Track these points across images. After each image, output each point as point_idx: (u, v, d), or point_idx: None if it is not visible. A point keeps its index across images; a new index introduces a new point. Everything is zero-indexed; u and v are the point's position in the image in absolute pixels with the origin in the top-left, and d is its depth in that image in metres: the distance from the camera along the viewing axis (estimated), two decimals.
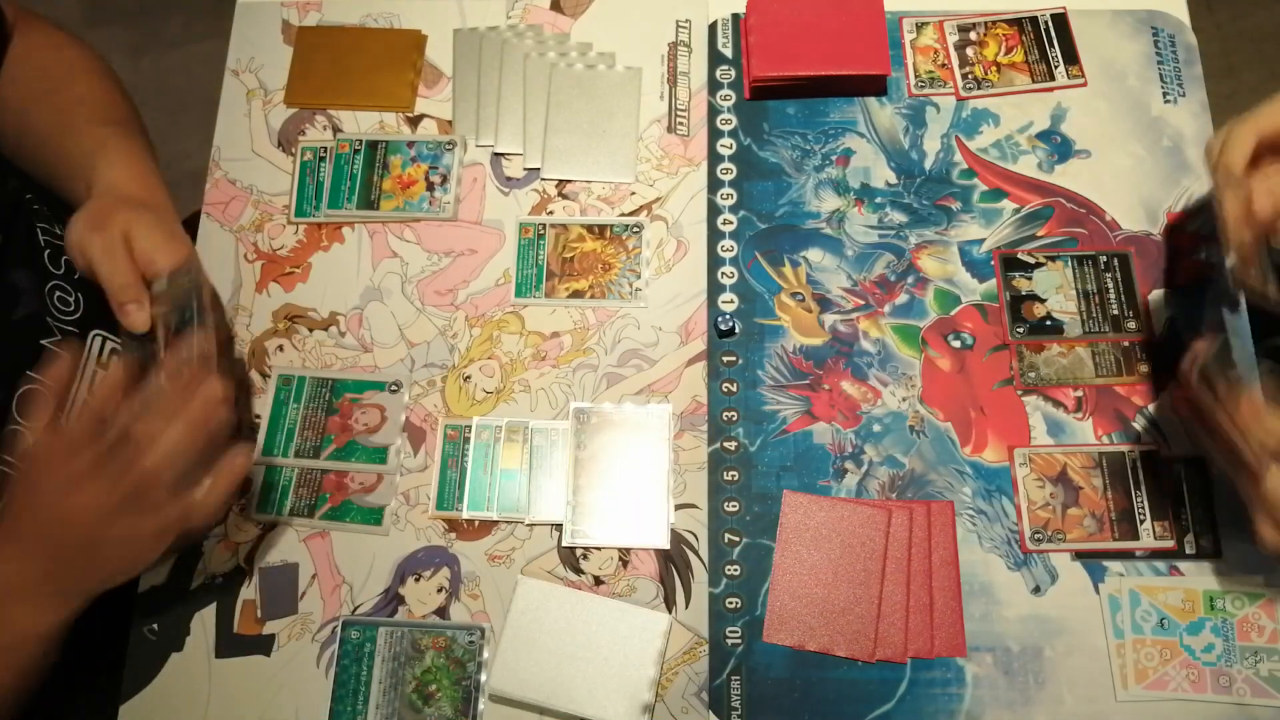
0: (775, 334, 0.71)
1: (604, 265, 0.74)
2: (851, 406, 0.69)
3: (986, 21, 0.79)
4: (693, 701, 0.63)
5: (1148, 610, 0.63)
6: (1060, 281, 0.71)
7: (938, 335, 0.71)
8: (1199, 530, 0.65)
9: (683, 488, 0.68)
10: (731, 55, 0.79)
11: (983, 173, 0.75)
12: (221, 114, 0.81)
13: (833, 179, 0.75)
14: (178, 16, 1.81)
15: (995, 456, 0.68)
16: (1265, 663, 0.62)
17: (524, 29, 0.81)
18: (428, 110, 0.79)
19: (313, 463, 0.70)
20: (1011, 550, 0.65)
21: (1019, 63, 0.77)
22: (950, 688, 0.63)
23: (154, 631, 0.67)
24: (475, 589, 0.67)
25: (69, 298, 0.67)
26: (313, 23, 0.83)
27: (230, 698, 0.65)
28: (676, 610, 0.65)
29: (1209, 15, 1.67)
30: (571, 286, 0.73)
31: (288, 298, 0.75)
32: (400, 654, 0.65)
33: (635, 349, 0.72)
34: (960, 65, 0.77)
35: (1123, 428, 0.68)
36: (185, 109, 1.63)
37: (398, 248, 0.76)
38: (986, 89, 0.77)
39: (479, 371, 0.72)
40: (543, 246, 0.74)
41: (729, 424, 0.69)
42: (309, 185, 0.78)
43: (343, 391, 0.72)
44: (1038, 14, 0.79)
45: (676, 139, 0.77)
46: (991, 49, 0.78)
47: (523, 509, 0.68)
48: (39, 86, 0.70)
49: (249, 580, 0.68)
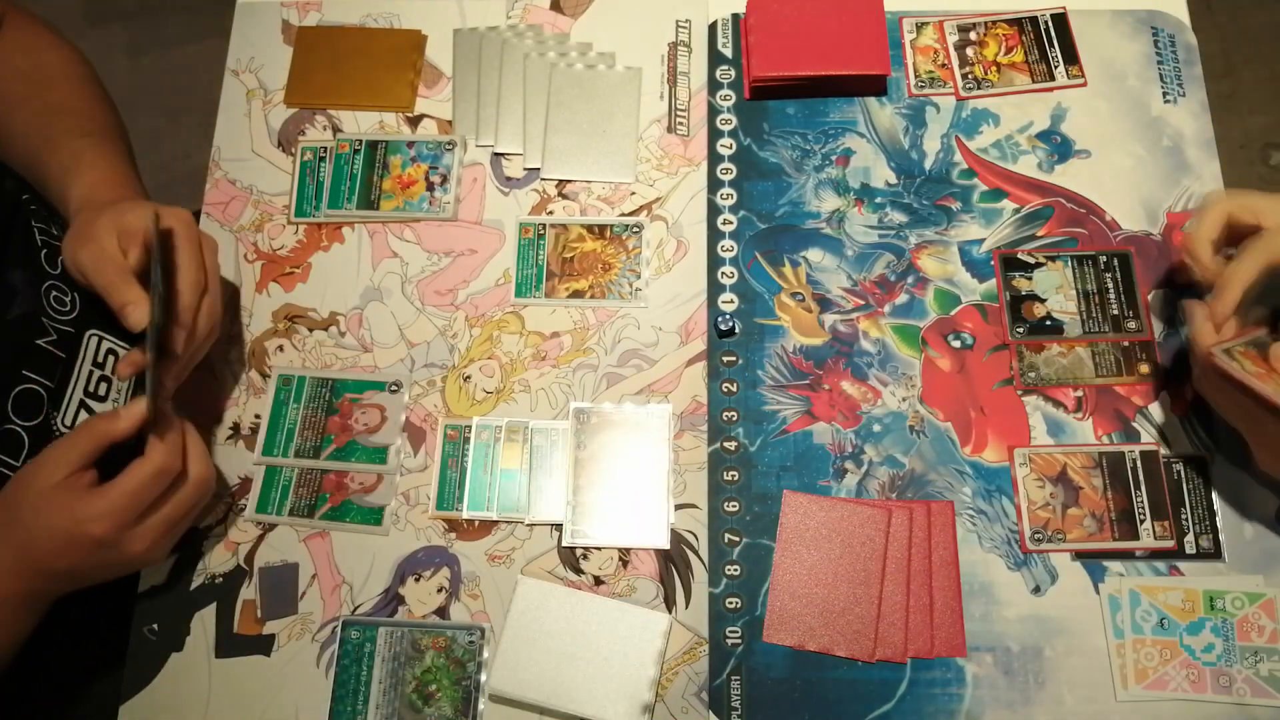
0: (775, 334, 0.71)
1: (604, 265, 0.74)
2: (851, 406, 0.69)
3: (987, 21, 0.79)
4: (693, 701, 0.63)
5: (1148, 610, 0.63)
6: (1060, 281, 0.71)
7: (938, 335, 0.71)
8: (1199, 530, 0.65)
9: (683, 488, 0.68)
10: (731, 55, 0.79)
11: (983, 173, 0.75)
12: (221, 114, 0.81)
13: (833, 179, 0.75)
14: (178, 16, 1.81)
15: (995, 456, 0.68)
16: (1265, 663, 0.62)
17: (524, 29, 0.81)
18: (428, 110, 0.79)
19: (313, 463, 0.70)
20: (1011, 550, 0.65)
21: (1019, 63, 0.77)
22: (950, 688, 0.63)
23: (154, 631, 0.67)
24: (475, 589, 0.67)
25: (65, 297, 0.67)
26: (313, 23, 0.83)
27: (230, 698, 0.65)
28: (676, 610, 0.65)
29: (1209, 15, 1.66)
30: (571, 286, 0.73)
31: (288, 298, 0.75)
32: (400, 654, 0.65)
33: (635, 349, 0.72)
34: (960, 65, 0.77)
35: (1123, 428, 0.68)
36: (185, 109, 1.63)
37: (398, 248, 0.76)
38: (987, 89, 0.77)
39: (479, 371, 0.72)
40: (543, 246, 0.74)
41: (729, 424, 0.69)
42: (309, 185, 0.78)
43: (343, 391, 0.72)
44: (1038, 14, 0.79)
45: (676, 139, 0.77)
46: (992, 49, 0.78)
47: (523, 509, 0.68)
48: (17, 91, 0.70)
49: (249, 580, 0.68)
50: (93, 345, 0.68)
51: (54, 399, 0.64)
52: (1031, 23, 0.78)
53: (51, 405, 0.64)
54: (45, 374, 0.64)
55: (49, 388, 0.64)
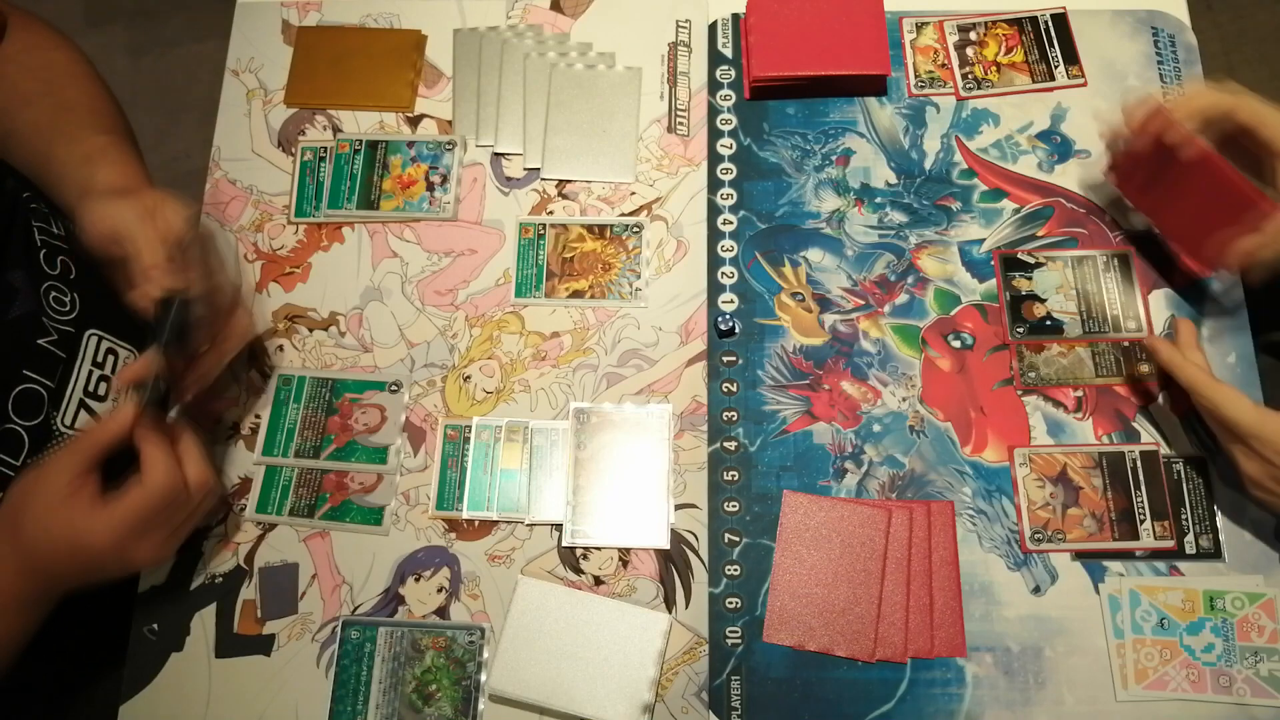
0: (775, 334, 0.71)
1: (604, 265, 0.74)
2: (851, 406, 0.69)
3: (987, 21, 0.79)
4: (693, 701, 0.63)
5: (1148, 610, 0.63)
6: (1060, 281, 0.71)
7: (938, 335, 0.71)
8: (1199, 530, 0.65)
9: (683, 488, 0.68)
10: (731, 55, 0.79)
11: (983, 173, 0.75)
12: (221, 114, 0.81)
13: (833, 179, 0.75)
14: (178, 16, 1.81)
15: (995, 456, 0.68)
16: (1265, 663, 0.62)
17: (524, 29, 0.81)
18: (428, 110, 0.79)
19: (313, 463, 0.70)
20: (1011, 550, 0.65)
21: (1019, 63, 0.77)
22: (950, 688, 0.63)
23: (154, 631, 0.67)
24: (475, 589, 0.67)
25: (65, 297, 0.67)
26: (313, 23, 0.83)
27: (230, 698, 0.65)
28: (676, 610, 0.65)
29: (1209, 15, 1.66)
30: (571, 286, 0.73)
31: (288, 298, 0.75)
32: (400, 654, 0.65)
33: (635, 349, 0.72)
34: (960, 65, 0.77)
35: (1123, 428, 0.68)
36: (185, 109, 1.63)
37: (398, 248, 0.76)
38: (987, 89, 0.77)
39: (479, 371, 0.72)
40: (543, 246, 0.74)
41: (729, 424, 0.69)
42: (309, 185, 0.78)
43: (343, 391, 0.72)
44: (1038, 14, 0.78)
45: (676, 139, 0.77)
46: (992, 49, 0.78)
47: (523, 509, 0.68)
48: (29, 88, 0.70)
49: (249, 580, 0.68)
50: (92, 345, 0.68)
51: (54, 399, 0.64)
52: (1031, 23, 0.78)
53: (51, 405, 0.64)
54: (45, 374, 0.64)
55: (49, 387, 0.64)
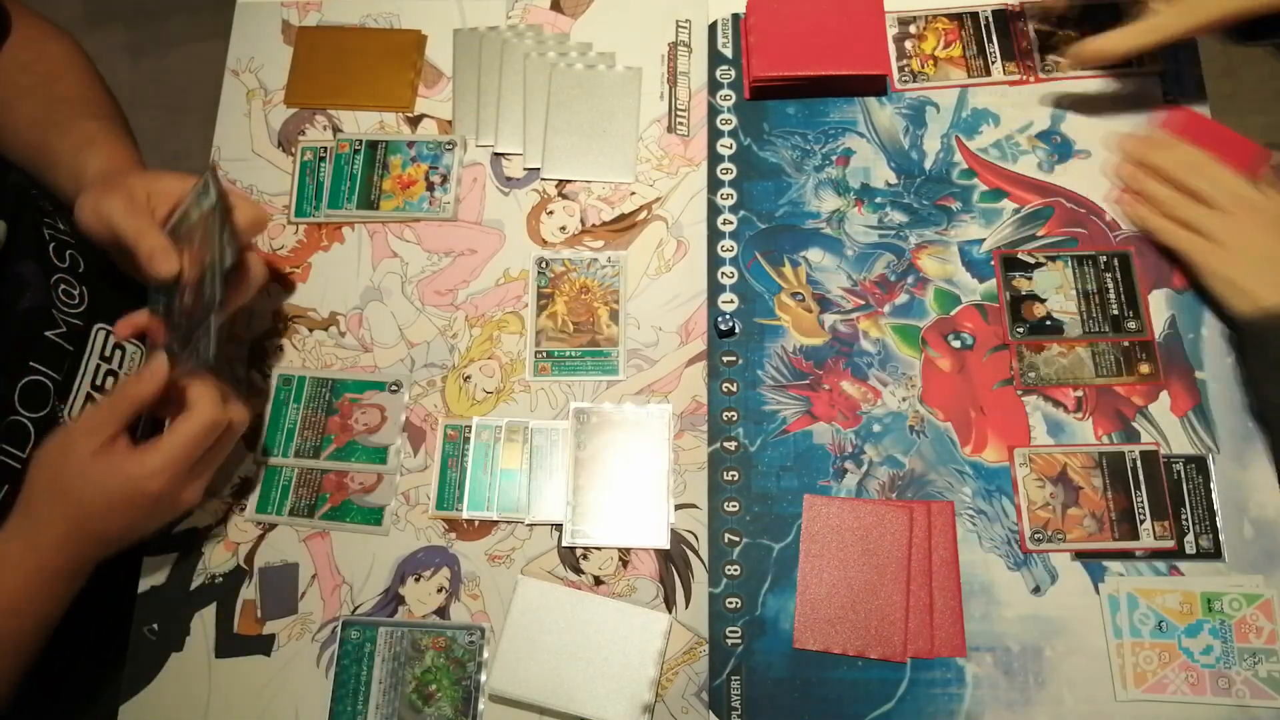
0: (775, 334, 0.71)
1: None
2: (851, 406, 0.69)
3: (928, 15, 0.79)
4: (693, 701, 0.63)
5: (1145, 613, 0.63)
6: (1060, 281, 0.71)
7: (938, 335, 0.71)
8: (1199, 530, 0.65)
9: (683, 488, 0.68)
10: (731, 55, 0.79)
11: (983, 173, 0.75)
12: (221, 114, 0.81)
13: (833, 179, 0.75)
14: (178, 16, 1.82)
15: (995, 456, 0.68)
16: (1264, 664, 0.62)
17: (524, 29, 0.81)
18: (428, 110, 0.79)
19: (313, 463, 0.70)
20: (1011, 550, 0.65)
21: (956, 57, 0.77)
22: (950, 688, 0.63)
23: (154, 631, 0.67)
24: (475, 589, 0.67)
25: (74, 291, 0.67)
26: (313, 23, 0.83)
27: (230, 698, 0.65)
28: (676, 610, 0.65)
29: None
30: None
31: (288, 298, 0.75)
32: (400, 654, 0.65)
33: (635, 349, 0.72)
34: (898, 58, 0.78)
35: (1123, 428, 0.68)
36: (185, 109, 1.63)
37: (398, 248, 0.76)
38: (922, 81, 0.77)
39: (479, 371, 0.72)
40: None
41: (729, 424, 0.69)
42: (309, 185, 0.78)
43: (343, 391, 0.72)
44: (979, 10, 0.78)
45: (676, 139, 0.77)
46: (930, 42, 0.78)
47: (523, 509, 0.68)
48: (23, 81, 0.70)
49: (249, 580, 0.68)
50: (100, 339, 0.68)
51: (61, 391, 0.65)
52: (972, 18, 0.78)
53: (58, 397, 0.64)
54: (53, 366, 0.64)
55: (56, 380, 0.64)
